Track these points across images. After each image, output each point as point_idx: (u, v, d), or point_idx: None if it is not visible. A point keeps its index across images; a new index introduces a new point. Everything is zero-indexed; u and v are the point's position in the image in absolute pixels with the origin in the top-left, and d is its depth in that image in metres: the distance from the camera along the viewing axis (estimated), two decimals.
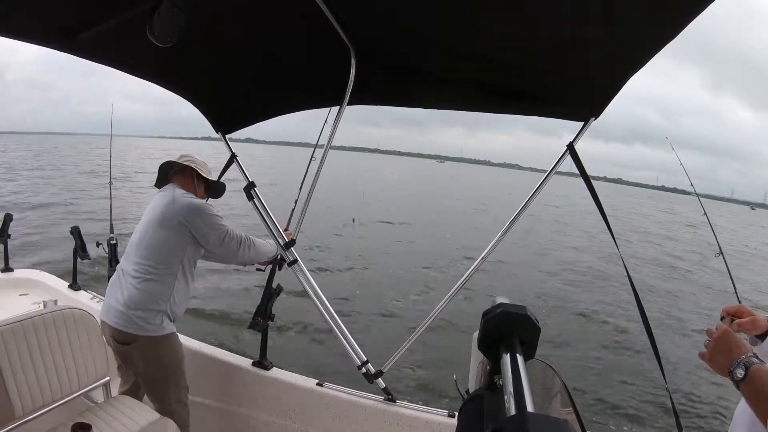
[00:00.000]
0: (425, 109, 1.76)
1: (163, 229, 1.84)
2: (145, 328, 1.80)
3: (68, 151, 48.06)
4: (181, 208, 1.84)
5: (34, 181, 19.32)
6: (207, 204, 1.92)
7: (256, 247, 1.98)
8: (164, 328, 1.84)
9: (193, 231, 1.85)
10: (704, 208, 2.90)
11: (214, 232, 1.87)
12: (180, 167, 2.02)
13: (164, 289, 1.84)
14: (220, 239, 1.88)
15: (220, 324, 5.55)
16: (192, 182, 2.03)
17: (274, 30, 1.52)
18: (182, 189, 1.95)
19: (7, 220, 3.40)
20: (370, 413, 1.94)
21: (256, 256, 2.01)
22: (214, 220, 1.88)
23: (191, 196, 1.93)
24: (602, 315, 7.49)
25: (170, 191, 1.92)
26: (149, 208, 1.95)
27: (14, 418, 1.52)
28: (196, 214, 1.85)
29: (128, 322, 1.79)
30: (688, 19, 1.00)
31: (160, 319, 1.83)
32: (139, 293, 1.80)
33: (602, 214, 1.48)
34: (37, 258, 7.30)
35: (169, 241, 1.84)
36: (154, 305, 1.81)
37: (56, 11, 1.26)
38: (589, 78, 1.32)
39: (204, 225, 1.86)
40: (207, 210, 1.89)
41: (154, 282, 1.82)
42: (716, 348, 0.90)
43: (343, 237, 12.01)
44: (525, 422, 0.42)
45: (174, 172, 2.03)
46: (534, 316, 0.63)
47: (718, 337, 0.91)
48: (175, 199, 1.87)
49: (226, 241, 1.89)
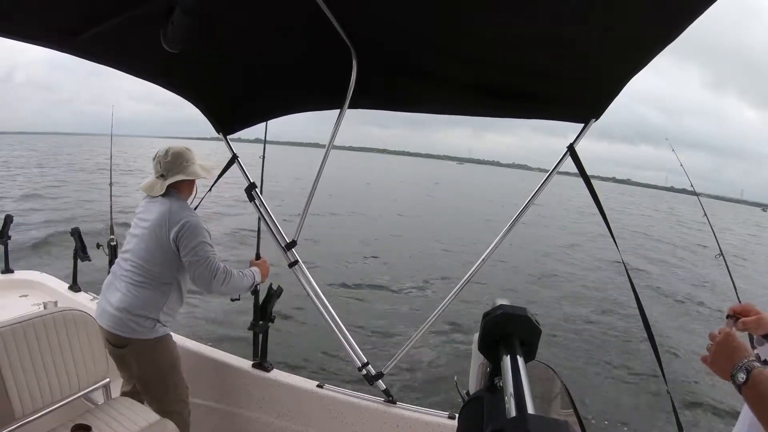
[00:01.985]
0: (427, 114, 1.77)
1: (158, 249, 1.82)
2: (138, 331, 1.80)
3: (71, 149, 47.73)
4: (176, 230, 1.80)
5: (32, 179, 19.35)
6: (200, 227, 1.85)
7: (231, 283, 1.87)
8: (157, 331, 1.84)
9: (180, 252, 1.82)
10: (708, 209, 2.89)
11: (197, 261, 1.81)
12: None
13: (159, 297, 1.84)
14: (199, 268, 1.81)
15: (220, 325, 5.55)
16: (191, 186, 2.01)
17: (275, 31, 1.53)
18: (180, 198, 1.93)
19: (8, 222, 3.41)
20: (370, 415, 1.94)
21: (228, 292, 1.92)
22: (202, 248, 1.82)
23: (187, 213, 1.87)
24: (603, 314, 7.49)
25: (168, 203, 1.86)
26: (145, 210, 1.92)
27: (14, 419, 1.52)
28: (186, 238, 1.80)
29: (121, 325, 1.79)
30: (689, 19, 0.99)
31: (152, 323, 1.83)
32: (133, 298, 1.80)
33: (602, 214, 1.47)
34: (38, 259, 7.31)
35: (165, 256, 1.83)
36: (147, 312, 1.81)
37: (57, 11, 1.26)
38: (589, 79, 1.31)
39: (189, 251, 1.81)
40: (198, 236, 1.82)
41: (149, 289, 1.83)
42: (718, 352, 0.90)
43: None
44: (525, 424, 0.42)
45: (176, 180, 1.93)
46: (534, 318, 0.63)
47: (720, 341, 0.91)
48: (171, 217, 1.82)
49: (204, 272, 1.81)
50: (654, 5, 1.01)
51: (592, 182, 1.50)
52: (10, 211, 3.80)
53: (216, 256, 1.86)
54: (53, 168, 26.26)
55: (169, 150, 1.95)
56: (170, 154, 1.94)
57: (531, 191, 1.63)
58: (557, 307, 7.69)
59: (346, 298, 7.04)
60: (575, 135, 1.50)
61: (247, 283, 1.96)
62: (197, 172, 1.96)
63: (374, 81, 1.66)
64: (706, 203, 2.93)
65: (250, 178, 2.02)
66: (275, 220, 2.03)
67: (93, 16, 1.27)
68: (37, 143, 64.78)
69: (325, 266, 8.55)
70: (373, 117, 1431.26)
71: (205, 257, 1.82)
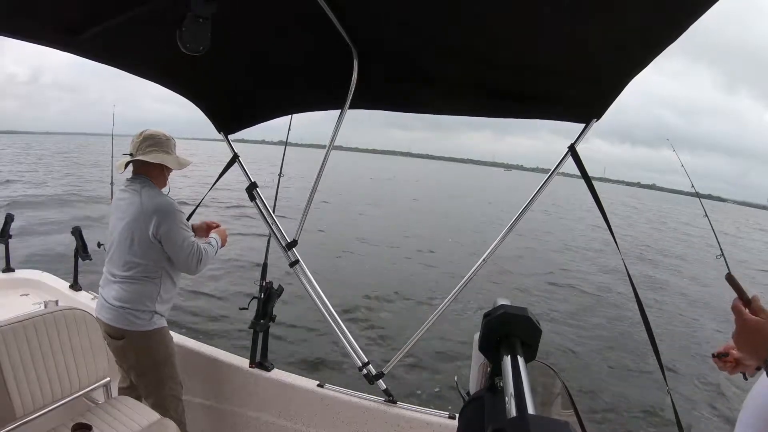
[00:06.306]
0: (427, 114, 1.77)
1: (140, 245, 1.84)
2: (136, 323, 1.85)
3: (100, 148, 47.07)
4: (153, 225, 1.81)
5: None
6: (173, 212, 1.86)
7: (206, 259, 1.95)
8: (154, 323, 1.90)
9: (163, 245, 1.86)
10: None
11: (179, 249, 1.86)
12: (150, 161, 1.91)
13: (152, 288, 1.89)
14: (181, 255, 1.88)
15: (221, 325, 5.56)
16: (162, 172, 1.98)
17: (276, 30, 1.53)
18: (151, 184, 1.91)
19: (8, 221, 3.41)
20: (370, 414, 1.94)
21: (204, 268, 1.97)
22: (180, 235, 1.86)
23: (157, 202, 1.86)
24: (603, 315, 7.48)
25: (137, 195, 1.87)
26: (118, 205, 1.92)
27: (15, 418, 1.52)
28: (165, 232, 1.83)
29: (119, 317, 1.85)
30: (691, 18, 0.99)
31: (149, 315, 1.88)
32: (127, 294, 1.85)
33: (603, 214, 1.47)
34: (38, 259, 7.32)
35: (150, 250, 1.85)
36: (142, 305, 1.87)
37: (59, 11, 1.27)
38: (590, 78, 1.31)
39: (171, 243, 1.85)
40: (174, 224, 1.85)
41: (141, 283, 1.87)
42: (747, 328, 0.80)
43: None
44: (526, 424, 0.42)
45: (144, 162, 1.91)
46: (535, 318, 0.63)
47: (750, 318, 0.80)
48: (144, 210, 1.83)
49: (187, 259, 1.89)
50: (654, 5, 1.01)
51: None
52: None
53: (193, 240, 1.92)
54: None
55: (144, 132, 1.96)
56: (143, 135, 1.94)
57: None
58: (557, 307, 7.70)
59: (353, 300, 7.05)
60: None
61: (213, 252, 2.05)
62: (164, 159, 1.92)
63: (375, 81, 1.66)
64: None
65: (251, 178, 2.03)
66: (276, 219, 2.03)
67: (95, 16, 1.28)
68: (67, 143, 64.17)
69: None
70: (396, 119, 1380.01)
71: (187, 245, 1.88)
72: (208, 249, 1.99)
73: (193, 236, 1.94)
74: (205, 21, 1.10)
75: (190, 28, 1.09)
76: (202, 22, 1.10)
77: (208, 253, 1.98)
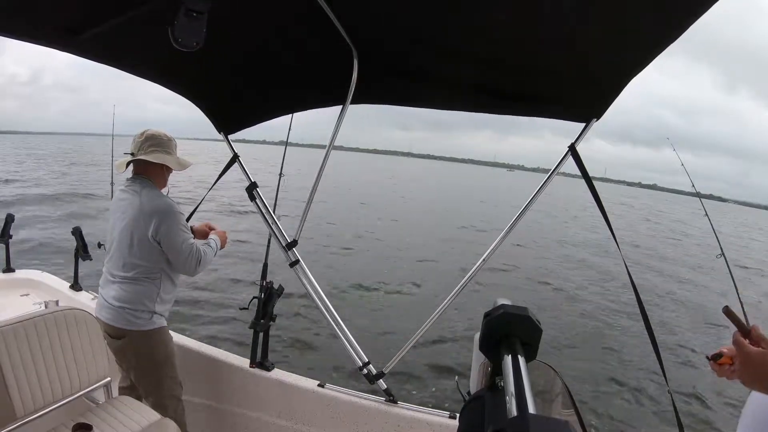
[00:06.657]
0: (427, 108, 1.77)
1: (140, 246, 1.84)
2: (136, 323, 1.86)
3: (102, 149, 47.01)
4: (153, 227, 1.81)
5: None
6: (172, 213, 1.86)
7: (205, 261, 1.96)
8: (154, 322, 1.90)
9: (162, 247, 1.86)
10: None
11: (179, 252, 1.86)
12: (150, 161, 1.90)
13: (152, 289, 1.89)
14: (181, 258, 1.88)
15: (221, 325, 5.56)
16: (162, 172, 1.98)
17: (276, 30, 1.53)
18: (151, 185, 1.91)
19: (9, 221, 3.41)
20: (371, 414, 1.94)
21: (203, 270, 1.98)
22: (180, 237, 1.86)
23: (156, 203, 1.86)
24: (602, 315, 7.48)
25: (137, 195, 1.86)
26: (118, 206, 1.92)
27: (15, 418, 1.52)
28: (165, 234, 1.83)
29: (118, 317, 1.85)
30: (691, 18, 0.99)
31: (149, 314, 1.88)
32: (127, 294, 1.85)
33: (603, 214, 1.47)
34: (39, 258, 7.32)
35: (149, 251, 1.86)
36: (141, 306, 1.87)
37: (57, 11, 1.26)
38: (590, 78, 1.31)
39: (170, 245, 1.85)
40: (174, 226, 1.85)
41: (141, 284, 1.87)
42: (750, 360, 0.78)
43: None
44: (526, 424, 0.42)
45: (145, 162, 1.90)
46: (535, 318, 0.63)
47: (752, 350, 0.79)
48: (143, 211, 1.83)
49: (186, 261, 1.89)
50: (654, 5, 1.01)
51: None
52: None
53: (192, 241, 1.92)
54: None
55: (146, 131, 1.95)
56: (145, 135, 1.93)
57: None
58: (558, 307, 7.69)
59: (350, 297, 7.05)
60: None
61: (213, 254, 2.05)
62: (165, 159, 1.92)
63: (375, 80, 1.66)
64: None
65: (251, 178, 2.03)
66: (276, 219, 2.03)
67: (94, 16, 1.28)
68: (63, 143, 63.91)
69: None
70: (396, 119, 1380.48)
71: (186, 247, 1.88)
72: (207, 250, 1.99)
73: (192, 238, 1.94)
74: (200, 16, 1.08)
75: (182, 21, 1.07)
76: (195, 16, 1.07)
77: (207, 254, 1.98)
